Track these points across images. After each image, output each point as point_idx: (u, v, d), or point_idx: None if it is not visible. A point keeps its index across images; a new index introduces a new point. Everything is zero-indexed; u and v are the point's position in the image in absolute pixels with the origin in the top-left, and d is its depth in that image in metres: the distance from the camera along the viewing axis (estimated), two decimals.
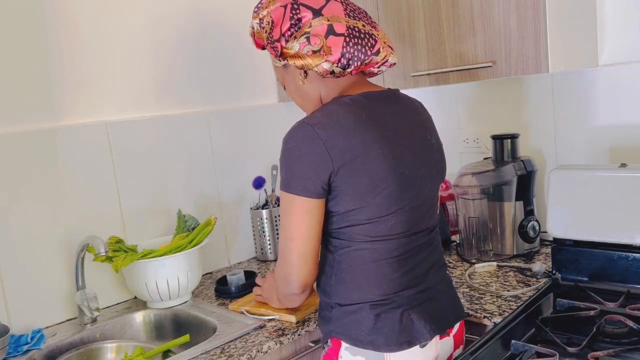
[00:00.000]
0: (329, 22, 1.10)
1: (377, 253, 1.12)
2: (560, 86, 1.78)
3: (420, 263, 1.16)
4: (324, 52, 1.09)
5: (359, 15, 1.15)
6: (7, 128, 1.51)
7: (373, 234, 1.11)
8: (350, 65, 1.11)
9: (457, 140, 2.07)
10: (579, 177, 1.45)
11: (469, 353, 1.13)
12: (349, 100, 1.11)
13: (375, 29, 1.15)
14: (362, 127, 1.07)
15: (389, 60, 1.16)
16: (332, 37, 1.09)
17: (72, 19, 1.63)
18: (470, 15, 1.56)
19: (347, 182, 1.06)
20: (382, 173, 1.07)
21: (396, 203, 1.10)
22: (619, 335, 1.18)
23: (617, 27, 1.64)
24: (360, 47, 1.11)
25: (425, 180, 1.16)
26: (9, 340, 1.36)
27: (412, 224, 1.14)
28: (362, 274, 1.12)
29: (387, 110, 1.13)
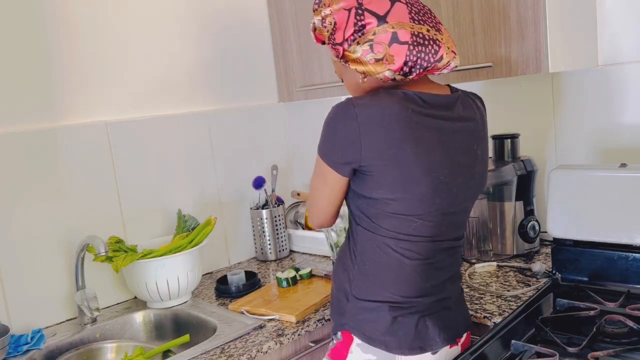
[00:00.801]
0: (394, 29, 1.06)
1: (402, 252, 1.11)
2: (560, 86, 1.78)
3: (441, 271, 1.16)
4: (386, 60, 1.07)
5: (424, 17, 1.11)
6: (7, 128, 1.51)
7: (398, 230, 1.10)
8: (412, 72, 1.09)
9: None
10: (579, 177, 1.45)
11: (469, 353, 1.13)
12: (402, 94, 1.08)
13: (439, 32, 1.11)
14: (403, 123, 1.04)
15: (451, 64, 1.13)
16: (396, 46, 1.06)
17: (72, 19, 1.63)
18: (470, 15, 1.56)
19: (378, 171, 1.06)
20: (414, 173, 1.06)
21: (426, 205, 1.09)
22: (619, 335, 1.18)
23: (617, 27, 1.64)
24: (424, 54, 1.08)
25: (462, 189, 1.13)
26: (9, 340, 1.36)
27: (440, 231, 1.13)
28: (386, 272, 1.12)
29: (437, 112, 1.10)
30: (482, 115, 1.21)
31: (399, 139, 1.04)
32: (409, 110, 1.06)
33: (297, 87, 2.07)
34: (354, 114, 1.05)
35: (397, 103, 1.06)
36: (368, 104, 1.05)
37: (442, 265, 1.16)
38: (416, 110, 1.07)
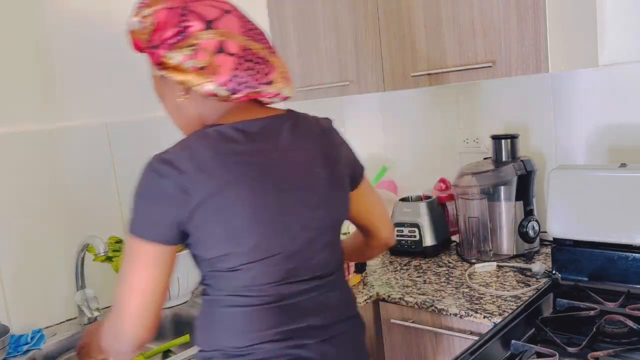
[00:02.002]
0: (222, 37, 0.95)
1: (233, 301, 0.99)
2: (560, 86, 1.78)
3: (299, 315, 1.01)
4: (210, 71, 0.94)
5: (258, 36, 1.00)
6: (8, 128, 1.51)
7: (236, 283, 0.98)
8: (239, 91, 0.96)
9: (457, 140, 2.07)
10: (579, 177, 1.45)
11: (469, 353, 1.14)
12: (214, 133, 0.95)
13: (273, 54, 1.01)
14: (221, 166, 0.92)
15: (283, 92, 1.02)
16: (222, 56, 0.94)
17: (73, 19, 1.63)
18: (470, 15, 1.56)
19: (203, 228, 0.93)
20: (241, 220, 0.93)
21: (262, 252, 0.96)
22: (619, 335, 1.18)
23: (617, 27, 1.64)
24: (253, 72, 0.97)
25: (309, 222, 1.01)
26: (9, 340, 1.36)
27: (287, 273, 0.99)
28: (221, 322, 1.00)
29: (263, 144, 0.98)
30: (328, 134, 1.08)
31: (217, 187, 0.92)
32: (225, 152, 0.94)
33: (297, 87, 2.07)
34: (166, 171, 0.92)
35: (210, 146, 0.94)
36: (177, 156, 0.93)
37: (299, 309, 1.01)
38: (232, 149, 0.94)
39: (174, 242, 0.95)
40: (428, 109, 2.14)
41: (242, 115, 1.00)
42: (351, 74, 1.90)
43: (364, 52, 1.85)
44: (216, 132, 0.96)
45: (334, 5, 1.89)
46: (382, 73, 1.82)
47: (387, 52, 1.79)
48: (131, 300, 0.95)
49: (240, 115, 1.00)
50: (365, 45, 1.84)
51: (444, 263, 1.78)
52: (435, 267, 1.75)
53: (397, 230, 1.88)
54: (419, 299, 1.50)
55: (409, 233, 1.86)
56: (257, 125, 0.99)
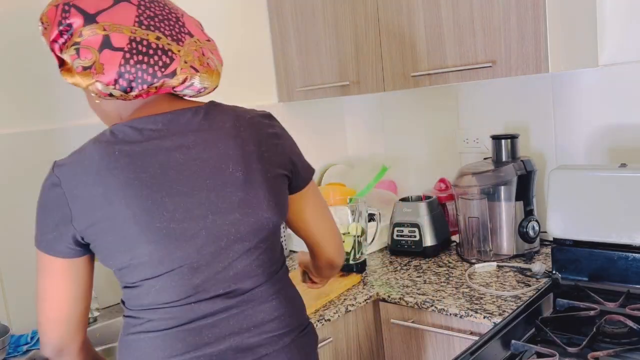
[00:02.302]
0: (105, 32, 0.87)
1: (141, 325, 0.92)
2: (560, 86, 1.78)
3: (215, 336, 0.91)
4: (95, 69, 0.87)
5: (160, 24, 0.91)
6: (8, 129, 1.51)
7: (135, 302, 0.92)
8: (134, 88, 0.89)
9: (457, 140, 2.07)
10: (579, 177, 1.45)
11: (469, 353, 1.13)
12: (109, 134, 0.89)
13: (179, 42, 0.91)
14: (108, 171, 0.86)
15: (194, 83, 0.92)
16: (107, 52, 0.86)
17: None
18: (470, 15, 1.56)
19: (95, 239, 0.88)
20: (129, 231, 0.86)
21: (161, 264, 0.88)
22: (619, 335, 1.18)
23: (617, 27, 1.64)
24: (147, 66, 0.88)
25: (219, 228, 0.91)
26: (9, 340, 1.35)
27: (194, 289, 0.90)
28: (131, 347, 0.93)
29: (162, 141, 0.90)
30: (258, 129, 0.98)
31: (104, 194, 0.85)
32: (115, 154, 0.87)
33: (297, 88, 2.07)
34: (57, 179, 0.88)
35: (100, 149, 0.87)
36: (70, 162, 0.88)
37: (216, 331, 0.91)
38: (124, 150, 0.87)
39: (76, 255, 0.90)
40: (428, 109, 2.14)
41: (150, 110, 0.93)
42: (351, 74, 1.90)
43: (364, 52, 1.85)
44: (111, 133, 0.89)
45: (334, 5, 1.89)
46: (382, 73, 1.82)
47: (387, 52, 1.79)
48: (44, 311, 0.92)
49: (148, 110, 0.93)
50: (365, 45, 1.84)
51: (444, 263, 1.78)
52: (435, 267, 1.75)
53: (397, 230, 1.88)
54: (419, 299, 1.50)
55: (409, 233, 1.86)
56: (159, 120, 0.91)
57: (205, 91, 0.96)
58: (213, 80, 0.96)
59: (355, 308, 1.54)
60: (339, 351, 1.54)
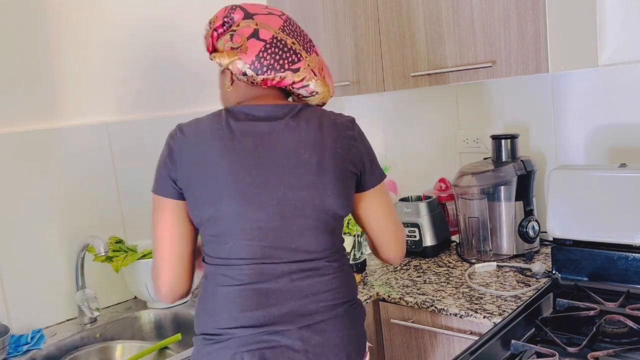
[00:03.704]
0: (257, 26, 1.08)
1: (217, 278, 1.05)
2: (560, 86, 1.78)
3: (279, 299, 1.03)
4: (240, 50, 1.07)
5: (297, 36, 1.12)
6: (8, 128, 1.51)
7: (214, 254, 1.06)
8: (264, 72, 1.07)
9: (457, 140, 2.07)
10: (579, 177, 1.45)
11: (468, 353, 1.14)
12: (224, 112, 1.09)
13: (308, 52, 1.12)
14: (213, 137, 1.05)
15: (310, 85, 1.11)
16: (254, 40, 1.07)
17: (73, 19, 1.63)
18: (470, 15, 1.56)
19: (188, 190, 1.05)
20: (217, 186, 1.02)
21: (238, 220, 1.03)
22: (619, 335, 1.18)
23: (617, 27, 1.64)
24: (279, 57, 1.08)
25: (288, 201, 1.04)
26: (9, 340, 1.36)
27: (263, 252, 1.03)
28: (203, 302, 1.07)
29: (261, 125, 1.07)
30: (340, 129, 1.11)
31: (204, 152, 1.04)
32: (224, 123, 1.06)
33: None
34: (175, 135, 1.07)
35: (213, 119, 1.07)
36: (188, 125, 1.08)
37: (280, 293, 1.03)
38: (231, 125, 1.06)
39: (180, 197, 1.06)
40: (428, 109, 2.14)
41: (259, 102, 1.11)
42: (351, 74, 1.90)
43: (364, 52, 1.85)
44: (226, 111, 1.08)
45: (334, 5, 1.89)
46: (382, 73, 1.82)
47: (387, 52, 1.79)
48: (161, 248, 1.07)
49: (258, 102, 1.11)
50: (365, 45, 1.84)
51: (444, 263, 1.78)
52: (435, 267, 1.75)
53: None
54: (419, 299, 1.50)
55: (409, 233, 1.86)
56: (263, 109, 1.09)
57: (317, 96, 1.14)
58: (324, 91, 1.14)
59: None
60: None
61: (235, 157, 1.04)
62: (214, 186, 1.02)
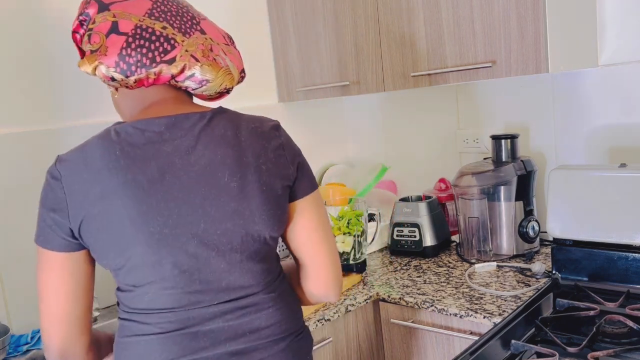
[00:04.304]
0: (115, 18, 0.91)
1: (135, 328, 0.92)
2: (560, 86, 1.78)
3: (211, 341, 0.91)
4: (100, 52, 0.90)
5: (170, 18, 0.93)
6: (8, 129, 1.51)
7: (130, 305, 0.92)
8: (134, 72, 0.90)
9: (457, 140, 2.07)
10: (579, 177, 1.45)
11: (468, 353, 1.13)
12: (114, 133, 0.90)
13: (186, 34, 0.93)
14: (108, 170, 0.87)
15: (195, 74, 0.93)
16: (114, 36, 0.90)
17: (73, 18, 1.63)
18: (470, 15, 1.56)
19: (90, 237, 0.88)
20: (123, 232, 0.87)
21: (153, 270, 0.88)
22: (619, 335, 1.18)
23: (617, 27, 1.64)
24: (147, 50, 0.90)
25: (209, 237, 0.90)
26: (9, 340, 1.35)
27: (190, 297, 0.90)
28: (127, 350, 0.93)
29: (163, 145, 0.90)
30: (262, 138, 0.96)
31: (101, 192, 0.86)
32: (116, 153, 0.88)
33: (297, 88, 2.07)
34: (57, 173, 0.88)
35: (102, 146, 0.88)
36: (72, 157, 0.89)
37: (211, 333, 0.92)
38: (126, 150, 0.88)
39: (74, 248, 0.90)
40: (428, 109, 2.14)
41: (157, 111, 0.94)
42: (351, 74, 1.90)
43: (364, 52, 1.85)
44: (115, 131, 0.90)
45: (334, 5, 1.89)
46: (382, 73, 1.82)
47: (387, 52, 1.79)
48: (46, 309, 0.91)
49: (155, 111, 0.94)
50: (365, 45, 1.84)
51: (444, 263, 1.78)
52: (435, 267, 1.75)
53: (397, 230, 1.88)
54: (419, 299, 1.50)
55: (409, 233, 1.86)
56: (163, 123, 0.91)
57: (211, 85, 0.96)
58: (219, 76, 0.95)
59: (355, 308, 1.54)
60: (338, 351, 1.54)
61: (140, 193, 0.87)
62: (120, 233, 0.87)
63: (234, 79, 0.99)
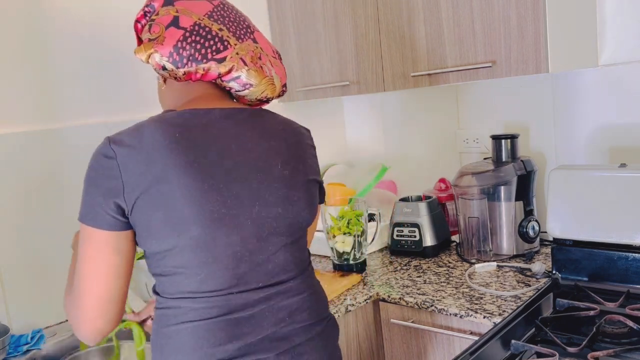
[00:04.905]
0: (177, 13, 0.95)
1: (185, 313, 0.92)
2: (560, 86, 1.78)
3: (253, 327, 0.94)
4: (157, 41, 0.94)
5: (227, 22, 0.98)
6: (8, 128, 1.51)
7: (174, 290, 0.92)
8: (185, 64, 0.94)
9: (457, 140, 2.07)
10: (579, 177, 1.45)
11: (468, 353, 1.13)
12: (168, 116, 0.93)
13: (240, 39, 0.97)
14: (168, 149, 0.88)
15: (241, 76, 0.97)
16: (173, 29, 0.94)
17: (73, 19, 1.63)
18: (470, 15, 1.56)
19: (143, 216, 0.88)
20: (182, 210, 0.87)
21: (207, 249, 0.90)
22: (619, 335, 1.18)
23: (617, 27, 1.64)
24: (201, 46, 0.94)
25: (263, 220, 0.94)
26: (9, 340, 1.36)
27: (237, 279, 0.93)
28: (171, 339, 0.92)
29: (219, 130, 0.94)
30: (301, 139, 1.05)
31: (161, 172, 0.87)
32: (176, 135, 0.90)
33: (297, 88, 2.07)
34: (112, 151, 0.89)
35: (160, 127, 0.90)
36: (126, 137, 0.90)
37: (254, 322, 0.94)
38: (186, 133, 0.91)
39: (122, 228, 0.90)
40: (428, 109, 2.14)
41: (205, 104, 0.98)
42: (351, 74, 1.90)
43: (364, 52, 1.85)
44: (170, 115, 0.93)
45: (334, 5, 1.89)
46: (382, 73, 1.82)
47: (387, 52, 1.79)
48: (89, 289, 0.90)
49: (203, 104, 0.98)
50: (365, 45, 1.84)
51: (444, 263, 1.78)
52: (435, 267, 1.75)
53: (397, 230, 1.88)
54: (419, 299, 1.50)
55: (409, 233, 1.86)
56: (217, 112, 0.96)
57: (254, 90, 1.00)
58: (263, 84, 1.00)
59: (355, 308, 1.54)
60: None
61: (201, 174, 0.89)
62: (177, 211, 0.87)
63: (276, 90, 1.04)
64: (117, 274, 0.91)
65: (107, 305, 0.91)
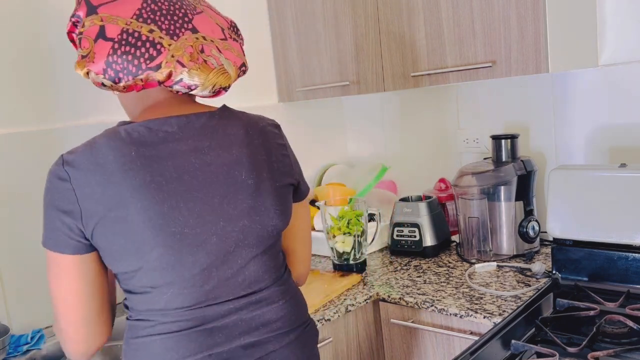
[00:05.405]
0: (102, 22, 0.88)
1: (154, 326, 0.91)
2: (560, 86, 1.78)
3: (226, 337, 0.93)
4: (88, 58, 0.88)
5: (158, 18, 0.90)
6: (8, 129, 1.51)
7: (144, 307, 0.91)
8: (122, 79, 0.88)
9: (457, 140, 2.07)
10: (579, 177, 1.45)
11: (469, 353, 1.14)
12: (124, 132, 0.88)
13: (173, 37, 0.90)
14: (123, 171, 0.85)
15: (183, 79, 0.90)
16: (101, 42, 0.88)
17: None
18: (470, 15, 1.56)
19: (103, 241, 0.86)
20: (142, 234, 0.85)
21: (172, 270, 0.88)
22: (619, 335, 1.18)
23: (617, 27, 1.64)
24: (132, 57, 0.88)
25: (228, 234, 0.92)
26: (9, 340, 1.36)
27: (206, 295, 0.91)
28: (140, 350, 0.92)
29: (177, 144, 0.90)
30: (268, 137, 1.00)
31: (118, 195, 0.84)
32: (132, 154, 0.86)
33: (297, 88, 2.07)
34: (65, 173, 0.85)
35: (115, 147, 0.86)
36: (80, 157, 0.86)
37: (225, 329, 0.93)
38: (141, 151, 0.87)
39: (86, 251, 0.88)
40: (428, 109, 2.14)
41: (162, 111, 0.93)
42: (351, 74, 1.90)
43: (364, 52, 1.85)
44: (126, 132, 0.88)
45: (334, 5, 1.89)
46: (382, 73, 1.82)
47: (387, 52, 1.79)
48: (64, 314, 0.90)
49: (161, 111, 0.93)
50: (365, 45, 1.84)
51: (444, 263, 1.78)
52: (435, 267, 1.75)
53: (397, 230, 1.88)
54: (419, 299, 1.50)
55: (409, 233, 1.86)
56: (175, 123, 0.91)
57: (201, 88, 0.93)
58: (210, 78, 0.92)
59: (355, 308, 1.54)
60: (339, 351, 1.54)
61: (159, 194, 0.86)
62: (139, 235, 0.85)
63: (231, 77, 0.96)
64: (90, 296, 0.90)
65: (83, 329, 0.91)
